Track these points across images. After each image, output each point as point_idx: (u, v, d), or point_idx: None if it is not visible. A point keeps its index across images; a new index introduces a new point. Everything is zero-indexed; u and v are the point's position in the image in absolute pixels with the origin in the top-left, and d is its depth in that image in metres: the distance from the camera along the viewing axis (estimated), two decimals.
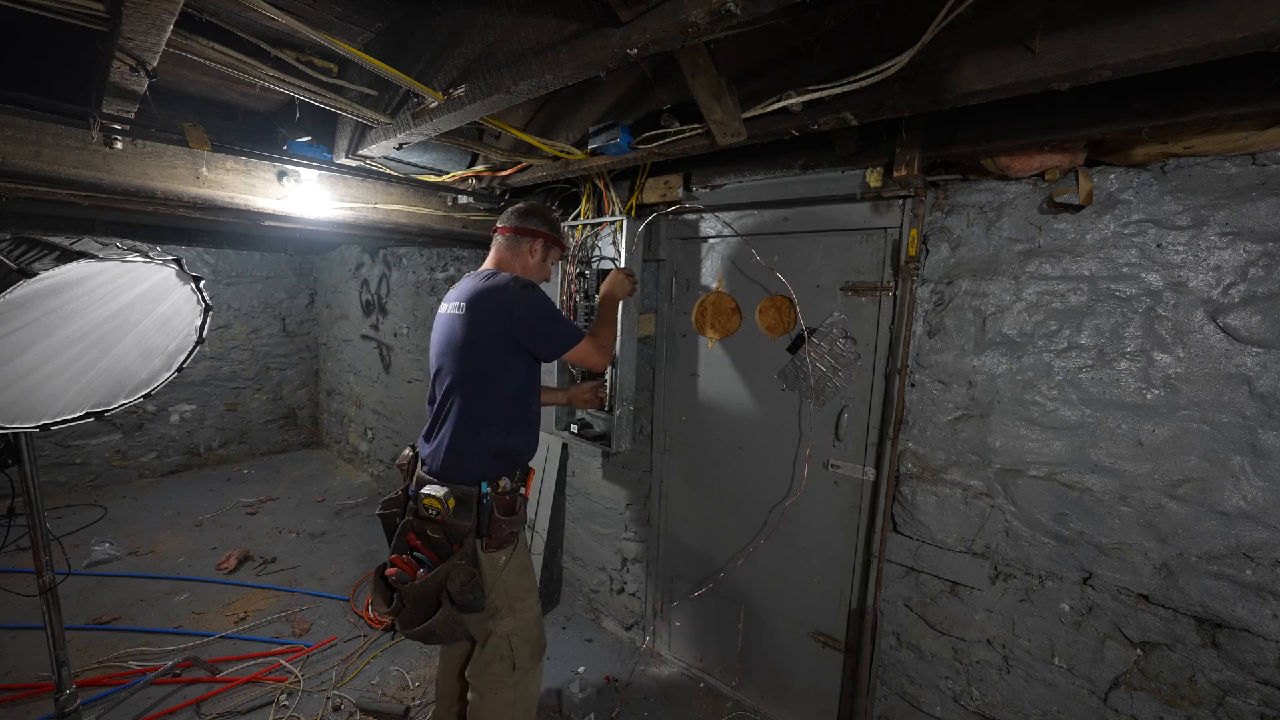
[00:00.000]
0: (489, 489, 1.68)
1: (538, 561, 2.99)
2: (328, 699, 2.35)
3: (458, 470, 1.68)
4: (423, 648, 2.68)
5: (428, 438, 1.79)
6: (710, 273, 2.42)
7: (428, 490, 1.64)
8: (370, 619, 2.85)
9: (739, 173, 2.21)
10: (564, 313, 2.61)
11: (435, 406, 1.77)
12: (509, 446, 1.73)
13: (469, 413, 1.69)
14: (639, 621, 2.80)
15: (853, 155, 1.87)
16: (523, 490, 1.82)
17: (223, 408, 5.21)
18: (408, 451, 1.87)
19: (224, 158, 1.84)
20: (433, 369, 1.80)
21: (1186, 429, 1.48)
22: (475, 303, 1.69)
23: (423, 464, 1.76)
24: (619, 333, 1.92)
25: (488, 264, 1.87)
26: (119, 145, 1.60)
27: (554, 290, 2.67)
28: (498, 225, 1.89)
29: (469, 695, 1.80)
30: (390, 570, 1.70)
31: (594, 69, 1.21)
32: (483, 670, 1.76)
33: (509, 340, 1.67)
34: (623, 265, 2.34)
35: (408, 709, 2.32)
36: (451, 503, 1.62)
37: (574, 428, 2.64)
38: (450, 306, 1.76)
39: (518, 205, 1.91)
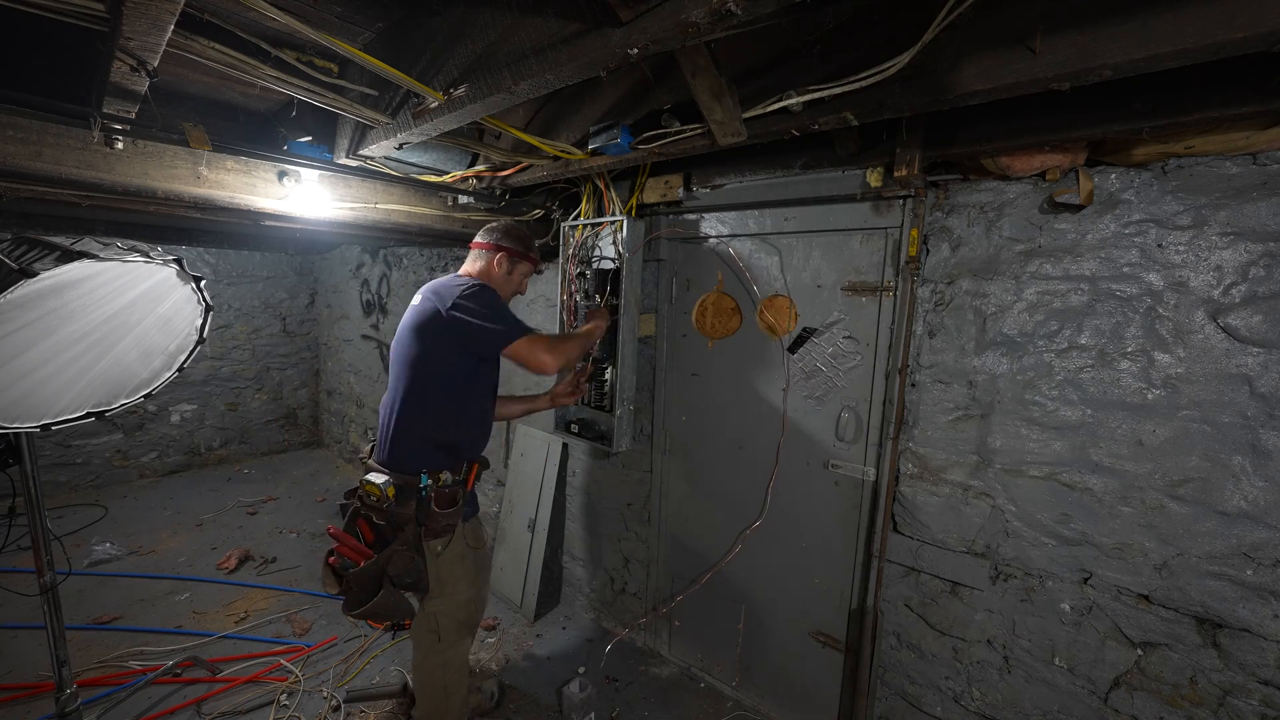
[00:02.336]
0: (429, 480, 1.73)
1: (538, 561, 3.00)
2: (328, 699, 2.35)
3: (398, 460, 1.76)
4: None
5: (379, 428, 1.87)
6: (710, 273, 2.42)
7: (369, 477, 1.72)
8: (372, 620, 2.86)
9: (739, 173, 2.21)
10: (563, 313, 2.61)
11: (388, 398, 1.84)
12: (450, 439, 1.79)
13: (412, 404, 1.76)
14: (639, 621, 2.80)
15: (853, 155, 1.87)
16: (465, 485, 1.85)
17: (223, 407, 5.21)
18: (367, 446, 1.95)
19: (224, 158, 1.84)
20: (391, 364, 1.88)
21: (1187, 429, 1.48)
22: (427, 296, 1.79)
23: (374, 453, 1.86)
24: (583, 349, 1.95)
25: (460, 272, 1.94)
26: (120, 145, 1.60)
27: (554, 290, 2.67)
28: (473, 240, 1.99)
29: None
30: (332, 559, 1.76)
31: (594, 69, 1.21)
32: (414, 642, 1.99)
33: (450, 335, 1.72)
34: (623, 265, 2.34)
35: (405, 685, 2.34)
36: (391, 490, 1.69)
37: (574, 428, 2.64)
38: (414, 301, 1.85)
39: (491, 223, 2.02)
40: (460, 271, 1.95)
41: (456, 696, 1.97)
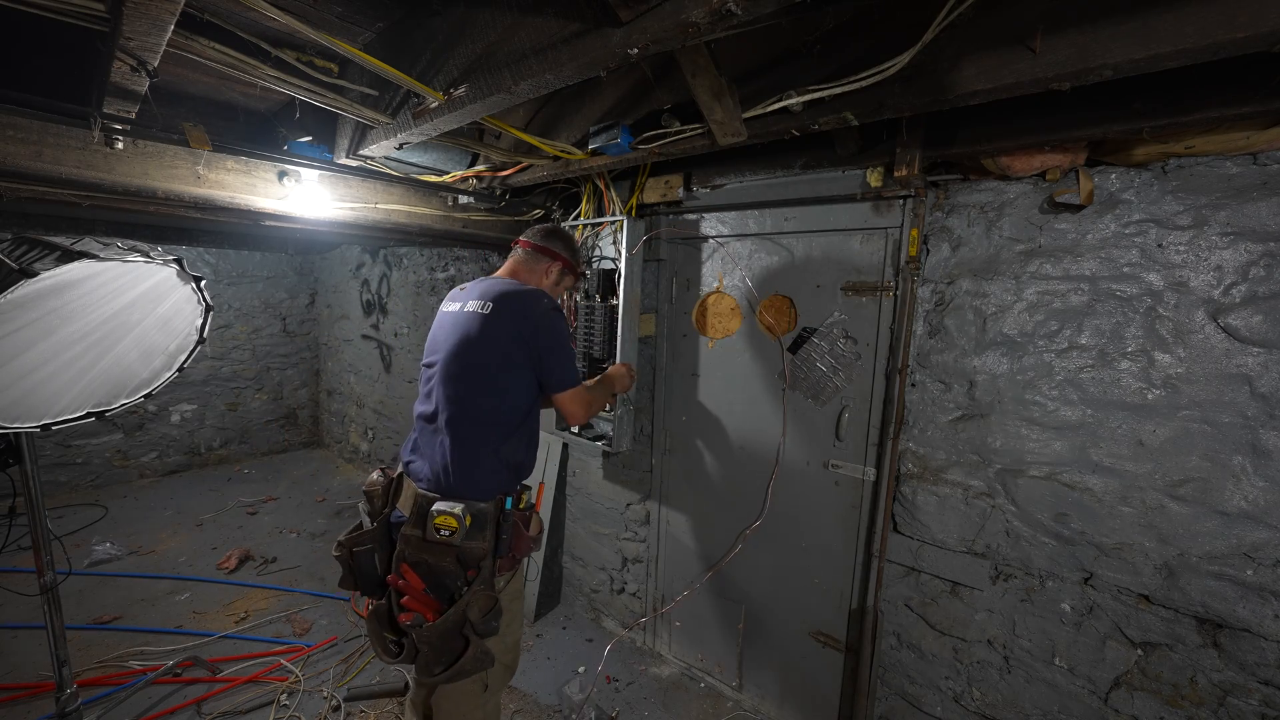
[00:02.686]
0: (512, 504, 1.55)
1: (538, 561, 3.00)
2: (328, 699, 2.35)
3: (471, 485, 1.52)
4: None
5: (418, 450, 1.62)
6: (710, 273, 2.42)
7: (440, 508, 1.46)
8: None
9: (739, 173, 2.21)
10: (564, 312, 2.60)
11: (434, 412, 1.59)
12: (519, 460, 1.61)
13: (483, 420, 1.54)
14: (639, 621, 2.80)
15: (853, 155, 1.87)
16: (535, 507, 1.71)
17: (223, 407, 5.21)
18: (376, 476, 1.70)
19: (225, 158, 1.84)
20: (435, 372, 1.62)
21: (1187, 429, 1.48)
22: (503, 302, 1.57)
23: (417, 480, 1.59)
24: (608, 393, 1.91)
25: (502, 273, 1.79)
26: (120, 145, 1.60)
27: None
28: (520, 238, 1.83)
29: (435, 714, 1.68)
30: (404, 616, 1.48)
31: (594, 69, 1.21)
32: (453, 691, 1.60)
33: (527, 350, 1.56)
34: (623, 265, 2.34)
35: (406, 684, 2.34)
36: (469, 520, 1.47)
37: (574, 428, 2.64)
38: (470, 304, 1.62)
39: (544, 224, 1.88)
40: (507, 273, 1.78)
41: None
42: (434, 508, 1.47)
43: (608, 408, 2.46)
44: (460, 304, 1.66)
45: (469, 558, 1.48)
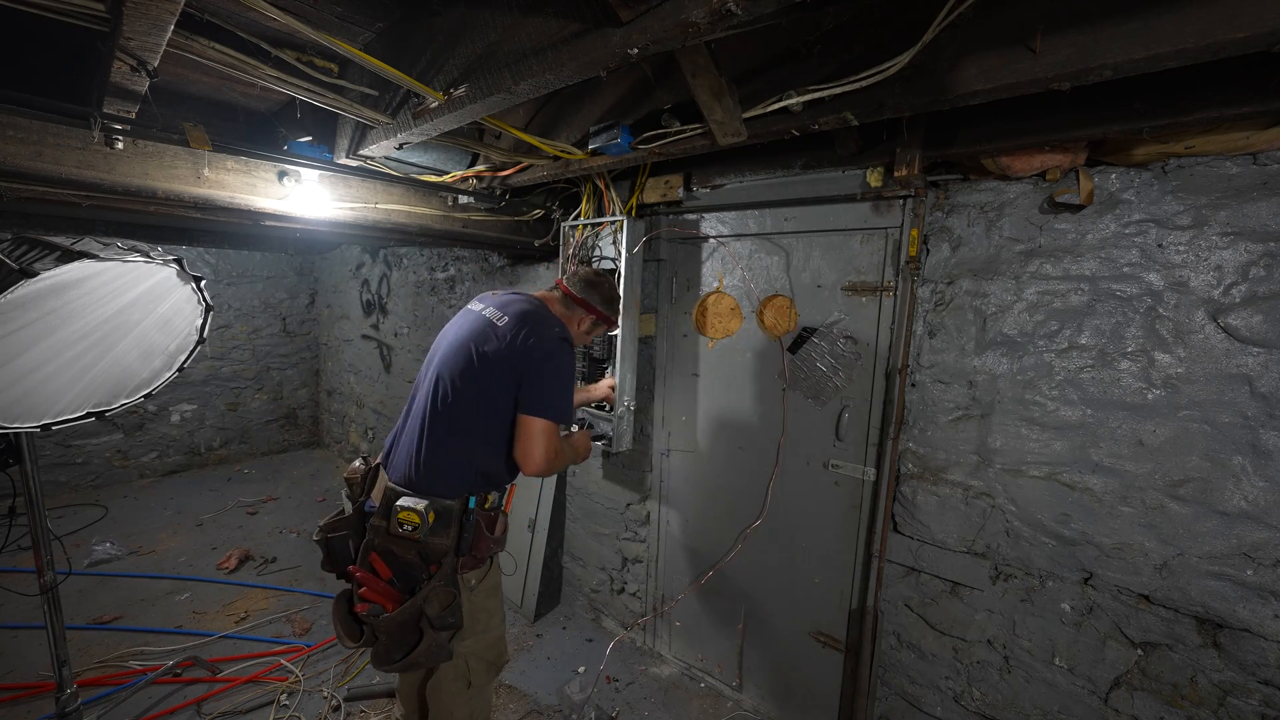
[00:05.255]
0: (475, 504, 1.55)
1: (538, 561, 3.00)
2: (328, 699, 2.35)
3: (438, 483, 1.54)
4: None
5: (397, 442, 1.63)
6: (711, 273, 2.42)
7: (404, 503, 1.48)
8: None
9: (739, 173, 2.21)
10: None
11: (420, 409, 1.61)
12: (491, 470, 1.60)
13: (462, 425, 1.55)
14: (639, 621, 2.80)
15: (853, 155, 1.87)
16: (504, 507, 1.71)
17: (223, 407, 5.21)
18: (358, 464, 1.71)
19: (225, 158, 1.84)
20: (432, 369, 1.64)
21: (1187, 429, 1.48)
22: (518, 319, 1.58)
23: (390, 472, 1.60)
24: (571, 458, 1.82)
25: (536, 295, 1.78)
26: (120, 145, 1.60)
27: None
28: (563, 282, 1.84)
29: (429, 714, 1.73)
30: (360, 606, 1.51)
31: (595, 69, 1.21)
32: (439, 687, 1.66)
33: (522, 367, 1.54)
34: (623, 265, 2.34)
35: None
36: (431, 517, 1.48)
37: (574, 428, 2.64)
38: (488, 310, 1.64)
39: (588, 272, 1.87)
40: (539, 300, 1.74)
41: None
42: (398, 502, 1.49)
43: (607, 408, 2.46)
44: (482, 307, 1.67)
45: (431, 553, 1.50)
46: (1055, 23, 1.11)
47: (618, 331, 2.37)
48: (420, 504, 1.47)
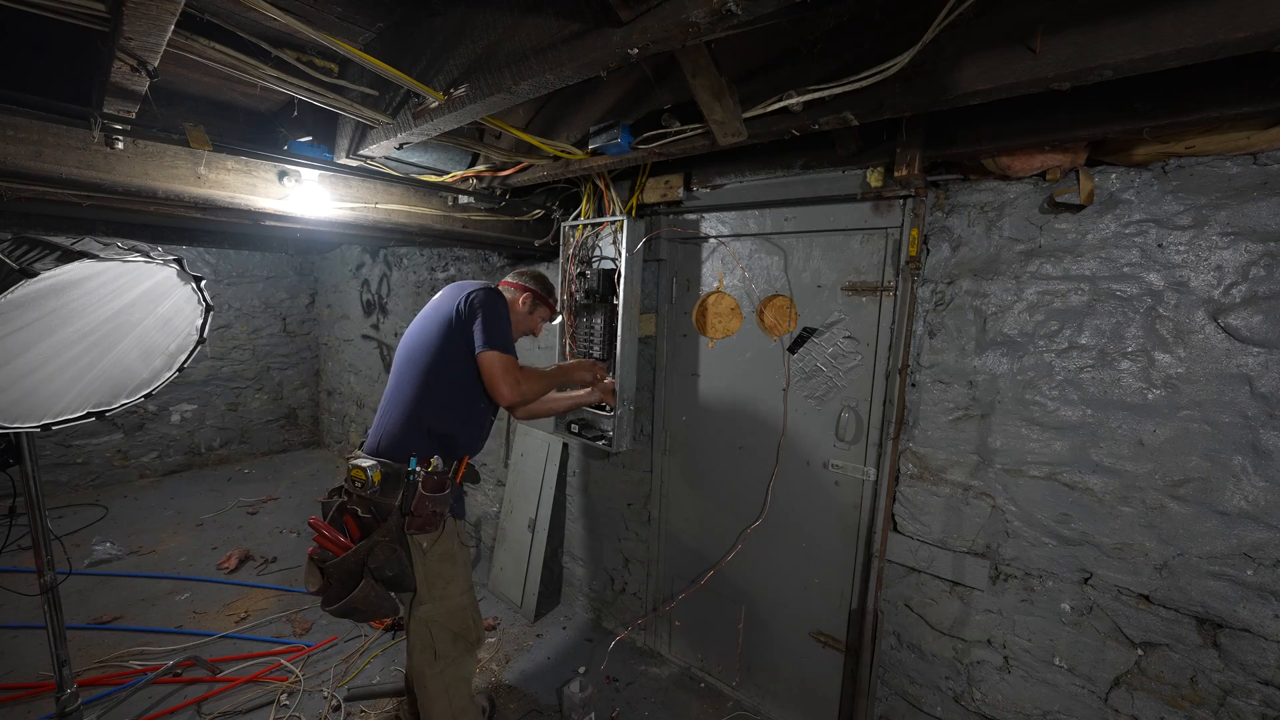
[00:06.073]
0: (417, 465, 1.71)
1: (538, 561, 3.00)
2: (328, 699, 2.35)
3: (389, 447, 1.75)
4: None
5: (376, 419, 1.87)
6: (711, 273, 2.42)
7: (356, 461, 1.70)
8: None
9: (739, 173, 2.21)
10: (563, 311, 2.60)
11: (389, 387, 1.86)
12: (449, 433, 1.79)
13: (417, 394, 1.77)
14: (639, 621, 2.80)
15: (853, 155, 1.87)
16: (454, 476, 1.81)
17: (224, 407, 5.21)
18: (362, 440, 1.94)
19: (225, 158, 1.84)
20: (398, 353, 1.90)
21: (1188, 429, 1.48)
22: (457, 286, 1.86)
23: (364, 444, 1.84)
24: (546, 389, 1.99)
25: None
26: (120, 145, 1.60)
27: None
28: (504, 279, 2.14)
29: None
30: (311, 550, 1.72)
31: (595, 69, 1.21)
32: (410, 661, 1.85)
33: (462, 323, 1.77)
34: (623, 265, 2.34)
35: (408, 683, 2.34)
36: (377, 475, 1.66)
37: (574, 427, 2.64)
38: (437, 295, 1.92)
39: (521, 268, 2.20)
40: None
41: None
42: (351, 461, 1.71)
43: (607, 408, 2.46)
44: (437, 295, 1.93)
45: (380, 510, 1.69)
46: (1055, 23, 1.11)
47: (618, 331, 2.37)
48: (368, 462, 1.69)
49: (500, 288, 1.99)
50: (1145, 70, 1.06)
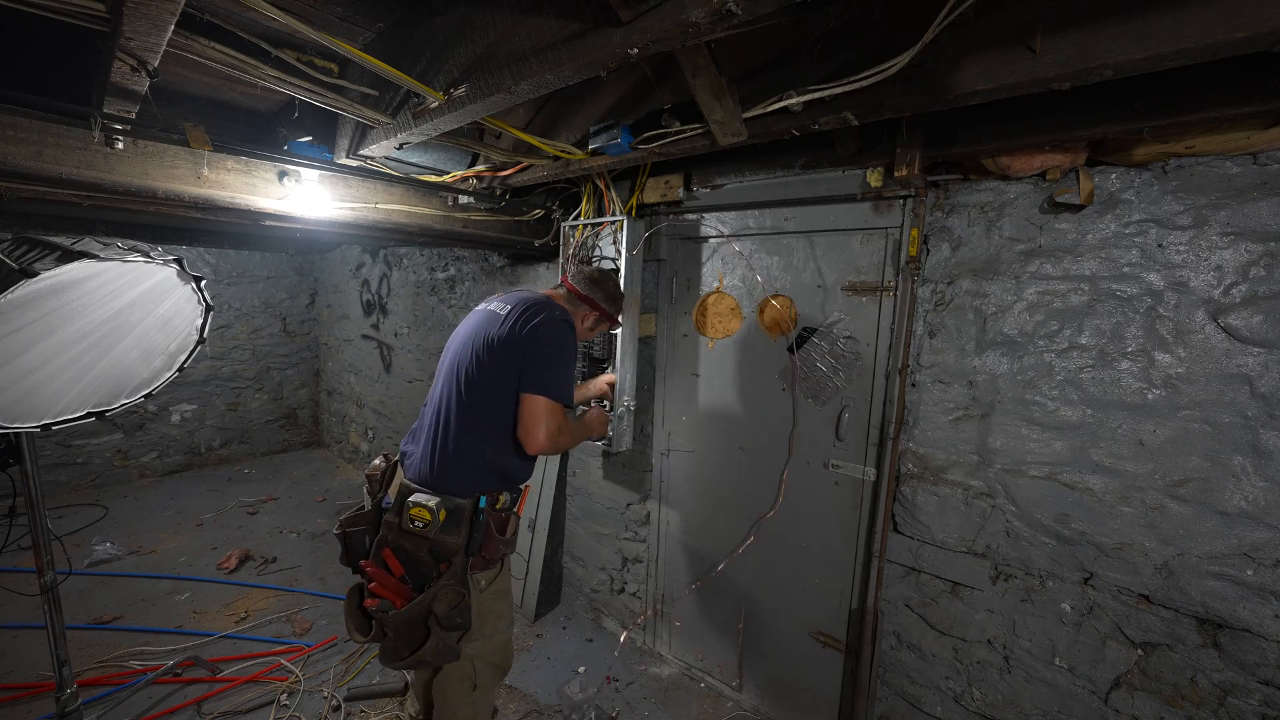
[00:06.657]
0: (486, 504, 1.55)
1: (538, 561, 3.00)
2: (328, 698, 2.35)
3: (452, 480, 1.54)
4: None
5: (414, 439, 1.66)
6: (711, 273, 2.42)
7: (416, 499, 1.50)
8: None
9: (739, 173, 2.21)
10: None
11: (436, 406, 1.63)
12: (507, 467, 1.60)
13: (477, 421, 1.56)
14: (639, 621, 2.80)
15: (853, 155, 1.87)
16: (516, 510, 1.70)
17: (223, 407, 5.21)
18: (379, 461, 1.74)
19: (225, 158, 1.84)
20: (445, 366, 1.67)
21: (1188, 429, 1.48)
22: (520, 307, 1.62)
23: (405, 469, 1.63)
24: (574, 444, 1.83)
25: (542, 293, 1.80)
26: (120, 145, 1.60)
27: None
28: (568, 278, 1.90)
29: (434, 711, 1.75)
30: (370, 601, 1.52)
31: (595, 69, 1.21)
32: (443, 686, 1.68)
33: (523, 351, 1.57)
34: (623, 265, 2.34)
35: (406, 685, 2.34)
36: (443, 515, 1.49)
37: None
38: (491, 305, 1.69)
39: (592, 270, 1.94)
40: (548, 292, 1.80)
41: None
42: (410, 498, 1.51)
43: (605, 405, 2.46)
44: (488, 303, 1.72)
45: (442, 551, 1.51)
46: (1055, 23, 1.11)
47: (619, 331, 2.37)
48: (432, 500, 1.49)
49: (567, 295, 1.82)
50: (1145, 70, 1.06)
